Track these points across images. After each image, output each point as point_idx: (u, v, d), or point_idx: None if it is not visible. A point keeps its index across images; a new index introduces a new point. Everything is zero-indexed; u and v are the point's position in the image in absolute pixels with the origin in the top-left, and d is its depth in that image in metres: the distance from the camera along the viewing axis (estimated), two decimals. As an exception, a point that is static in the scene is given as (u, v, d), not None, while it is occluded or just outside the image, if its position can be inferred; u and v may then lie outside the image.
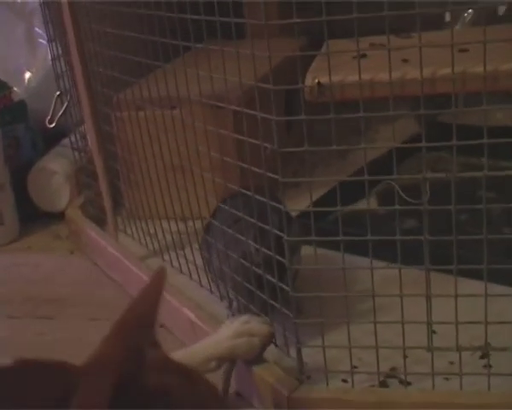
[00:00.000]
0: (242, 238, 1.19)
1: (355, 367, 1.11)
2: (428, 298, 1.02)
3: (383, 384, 1.12)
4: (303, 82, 1.06)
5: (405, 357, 1.09)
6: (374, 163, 1.40)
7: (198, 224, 1.44)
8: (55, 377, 0.74)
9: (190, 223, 1.50)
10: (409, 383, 1.10)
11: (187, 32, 1.19)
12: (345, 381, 1.11)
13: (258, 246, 1.16)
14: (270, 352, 1.18)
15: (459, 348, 1.05)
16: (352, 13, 0.89)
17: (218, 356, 1.16)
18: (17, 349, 1.40)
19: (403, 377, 1.10)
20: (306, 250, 1.22)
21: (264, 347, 1.17)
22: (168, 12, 1.24)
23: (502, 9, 1.64)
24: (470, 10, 1.81)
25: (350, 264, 1.09)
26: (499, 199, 1.32)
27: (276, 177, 1.03)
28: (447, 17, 1.88)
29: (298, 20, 0.90)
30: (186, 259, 1.44)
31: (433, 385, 1.06)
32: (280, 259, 1.09)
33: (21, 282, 1.67)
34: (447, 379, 1.09)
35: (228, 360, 1.16)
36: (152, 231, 1.57)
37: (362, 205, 1.39)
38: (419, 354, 1.09)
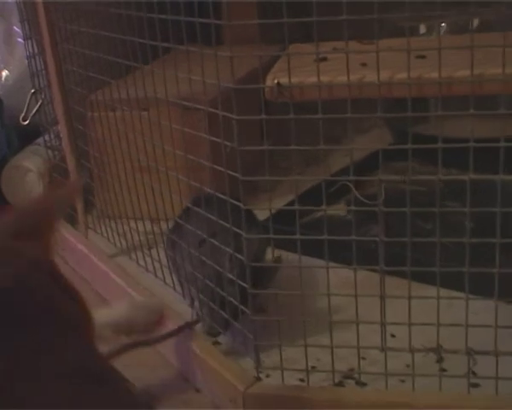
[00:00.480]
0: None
1: (313, 367, 1.12)
2: (383, 298, 1.04)
3: (340, 385, 1.13)
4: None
5: (361, 358, 1.10)
6: (345, 170, 1.43)
7: (165, 225, 1.45)
8: None
9: (158, 224, 1.51)
10: (364, 384, 1.11)
11: (160, 33, 1.21)
12: (302, 380, 1.12)
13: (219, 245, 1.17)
14: (229, 350, 1.21)
15: (412, 350, 1.06)
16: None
17: (114, 324, 1.15)
18: None
19: (358, 378, 1.12)
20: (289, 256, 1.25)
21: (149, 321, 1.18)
22: (139, 12, 1.25)
23: (476, 22, 1.66)
24: (443, 24, 1.83)
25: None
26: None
27: (235, 175, 1.04)
28: (422, 29, 1.90)
29: (258, 21, 0.91)
30: (152, 258, 1.46)
31: (387, 385, 1.07)
32: (239, 257, 1.10)
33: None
34: (403, 381, 1.10)
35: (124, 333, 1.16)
36: (121, 230, 1.58)
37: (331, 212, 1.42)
38: (376, 356, 1.10)
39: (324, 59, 1.07)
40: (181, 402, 1.20)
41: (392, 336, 1.11)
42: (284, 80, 1.03)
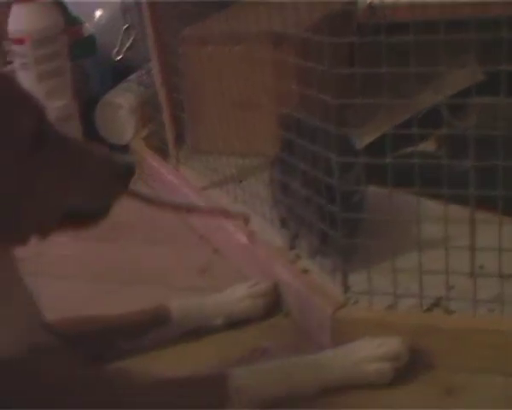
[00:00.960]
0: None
1: (400, 296, 1.11)
2: (472, 223, 1.04)
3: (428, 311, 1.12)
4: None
5: (450, 287, 1.10)
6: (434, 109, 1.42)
7: (256, 160, 1.49)
8: None
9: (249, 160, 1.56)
10: (453, 312, 1.10)
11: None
12: (390, 307, 1.12)
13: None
14: (318, 277, 1.21)
15: (502, 275, 1.06)
16: None
17: (225, 315, 1.23)
18: (79, 268, 1.48)
19: (447, 306, 1.11)
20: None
21: (266, 306, 1.25)
22: None
23: None
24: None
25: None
26: None
27: (326, 98, 1.05)
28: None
29: None
30: (244, 187, 1.47)
31: (475, 312, 1.07)
32: (329, 180, 1.11)
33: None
34: (492, 311, 1.08)
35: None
36: (213, 164, 1.59)
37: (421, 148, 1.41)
38: (465, 285, 1.09)
39: (418, -20, 1.06)
40: (268, 326, 1.23)
41: (481, 267, 1.11)
42: (377, 0, 1.03)
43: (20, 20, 1.84)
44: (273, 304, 1.25)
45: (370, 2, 1.03)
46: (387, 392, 1.05)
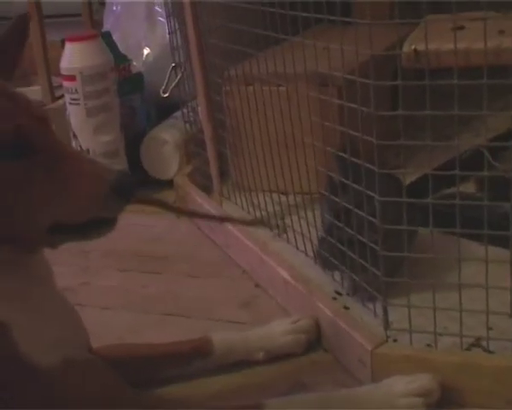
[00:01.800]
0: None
1: (440, 335, 1.12)
2: (513, 265, 1.04)
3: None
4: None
5: (489, 329, 1.10)
6: (475, 151, 1.43)
7: (297, 198, 1.51)
8: None
9: (290, 197, 1.58)
10: (492, 352, 1.10)
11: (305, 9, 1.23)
12: (429, 346, 1.13)
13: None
14: (359, 310, 1.22)
15: (542, 317, 1.07)
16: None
17: (267, 349, 1.24)
18: (123, 299, 1.50)
19: (486, 346, 1.11)
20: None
21: (309, 342, 1.25)
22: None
23: None
24: None
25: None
26: None
27: (370, 139, 1.07)
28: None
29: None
30: (285, 224, 1.49)
31: (515, 352, 1.07)
32: (372, 220, 1.12)
33: (131, 240, 1.74)
34: None
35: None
36: (255, 200, 1.61)
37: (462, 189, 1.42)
38: (504, 326, 1.11)
39: (461, 27, 1.08)
40: (309, 361, 1.24)
41: (521, 308, 1.11)
42: (421, 47, 1.05)
43: (71, 58, 1.88)
44: (314, 340, 1.26)
45: (415, 49, 1.05)
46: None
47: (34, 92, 2.47)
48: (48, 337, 0.97)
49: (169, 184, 1.94)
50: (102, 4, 2.64)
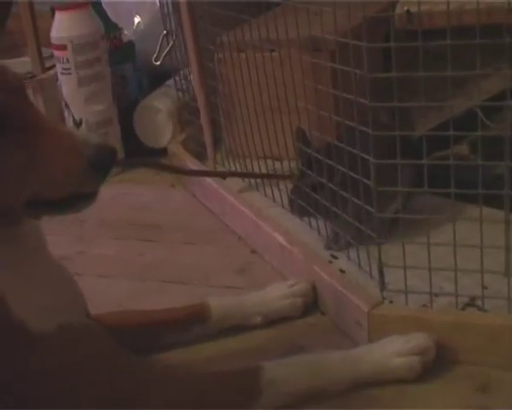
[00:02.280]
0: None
1: (435, 295, 1.13)
2: (507, 223, 1.05)
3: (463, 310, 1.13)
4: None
5: (484, 288, 1.11)
6: (469, 112, 1.43)
7: (291, 163, 1.50)
8: None
9: (285, 163, 1.57)
10: (486, 311, 1.11)
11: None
12: (425, 306, 1.14)
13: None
14: (354, 273, 1.23)
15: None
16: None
17: (264, 314, 1.25)
18: (120, 267, 1.50)
19: (482, 305, 1.12)
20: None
21: (306, 305, 1.26)
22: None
23: None
24: None
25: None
26: None
27: (364, 102, 1.07)
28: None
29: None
30: (280, 190, 1.49)
31: (510, 310, 1.08)
32: (366, 182, 1.13)
33: (126, 209, 1.75)
34: None
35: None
36: (249, 167, 1.61)
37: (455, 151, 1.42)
38: (498, 286, 1.11)
39: (453, -12, 1.08)
40: (306, 324, 1.25)
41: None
42: (414, 8, 1.05)
43: (61, 28, 1.88)
44: (311, 303, 1.27)
45: (408, 10, 1.05)
46: (420, 387, 1.07)
47: (24, 63, 2.46)
48: (42, 304, 0.97)
49: (163, 152, 1.94)
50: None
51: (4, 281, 0.94)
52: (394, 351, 1.08)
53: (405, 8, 1.08)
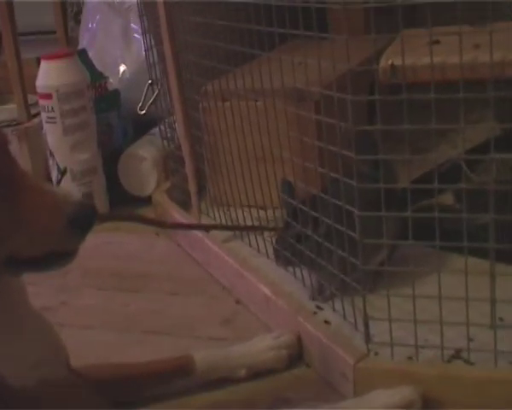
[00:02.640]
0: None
1: (421, 347, 1.12)
2: (492, 277, 1.05)
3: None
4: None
5: (470, 340, 1.10)
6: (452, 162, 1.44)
7: (275, 212, 1.51)
8: None
9: (269, 211, 1.55)
10: (472, 364, 1.11)
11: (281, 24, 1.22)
12: (410, 358, 1.13)
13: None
14: (340, 325, 1.22)
15: (521, 327, 1.07)
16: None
17: (249, 366, 1.24)
18: (104, 318, 1.49)
19: (468, 357, 1.11)
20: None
21: (291, 357, 1.25)
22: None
23: None
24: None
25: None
26: None
27: (350, 154, 1.07)
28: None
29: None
30: (264, 240, 1.48)
31: (496, 363, 1.07)
32: (351, 234, 1.12)
33: (110, 258, 1.74)
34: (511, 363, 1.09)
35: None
36: (234, 216, 1.61)
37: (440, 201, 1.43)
38: (484, 338, 1.10)
39: (437, 42, 1.08)
40: (291, 377, 1.24)
41: (501, 319, 1.11)
42: (398, 61, 1.05)
43: (47, 76, 1.88)
44: (296, 355, 1.26)
45: (392, 63, 1.06)
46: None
47: (10, 111, 2.47)
48: (22, 359, 0.96)
49: (147, 200, 1.95)
50: (78, 22, 2.64)
51: None
52: (381, 405, 1.07)
53: (390, 61, 1.08)
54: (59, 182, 1.92)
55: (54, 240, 0.89)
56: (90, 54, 2.13)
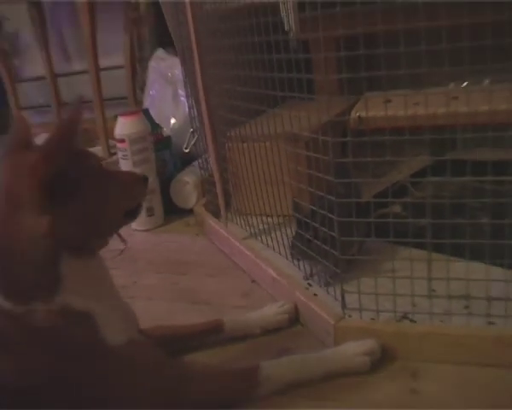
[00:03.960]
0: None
1: (380, 312, 1.12)
2: (429, 261, 1.04)
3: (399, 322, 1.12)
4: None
5: (413, 305, 1.11)
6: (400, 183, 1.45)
7: (280, 219, 1.51)
8: None
9: (274, 218, 1.56)
10: (415, 322, 1.10)
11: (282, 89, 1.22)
12: (373, 319, 1.13)
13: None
14: (324, 297, 1.21)
15: (450, 296, 1.06)
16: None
17: (262, 326, 1.23)
18: (160, 293, 1.48)
19: (412, 318, 1.11)
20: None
21: (291, 320, 1.24)
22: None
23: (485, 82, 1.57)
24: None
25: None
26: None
27: (330, 179, 1.07)
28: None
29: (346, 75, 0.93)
30: (271, 238, 1.47)
31: (432, 321, 1.07)
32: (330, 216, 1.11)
33: (165, 251, 1.73)
34: (442, 321, 1.08)
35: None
36: (250, 222, 1.60)
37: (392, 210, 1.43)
38: (424, 304, 1.10)
39: (389, 101, 1.08)
40: (291, 333, 1.23)
41: (433, 291, 1.10)
42: (363, 114, 1.05)
43: (122, 127, 1.88)
44: (294, 318, 1.25)
45: (359, 115, 1.06)
46: (370, 377, 1.05)
47: (97, 151, 2.48)
48: (117, 323, 0.94)
49: (190, 211, 1.94)
50: (142, 90, 2.65)
51: (93, 304, 0.91)
52: (352, 352, 1.07)
53: (357, 113, 1.08)
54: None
55: (139, 192, 1.02)
56: (151, 112, 2.12)
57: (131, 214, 1.01)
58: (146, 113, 2.02)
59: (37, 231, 0.83)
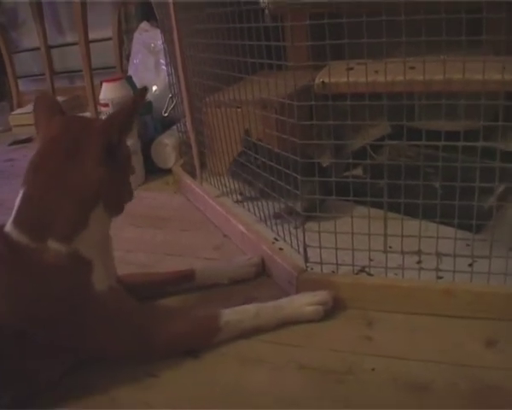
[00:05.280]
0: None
1: (340, 265, 1.09)
2: (385, 220, 1.01)
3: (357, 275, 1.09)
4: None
5: (370, 260, 1.08)
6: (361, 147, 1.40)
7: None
8: None
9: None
10: (372, 275, 1.07)
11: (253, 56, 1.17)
12: (333, 272, 1.09)
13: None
14: (289, 250, 1.17)
15: (403, 252, 1.03)
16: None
17: (230, 276, 1.18)
18: (139, 245, 1.43)
19: (369, 271, 1.08)
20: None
21: (258, 271, 1.19)
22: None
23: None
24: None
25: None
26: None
27: (295, 140, 1.02)
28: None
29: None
30: (242, 194, 1.43)
31: (386, 274, 1.04)
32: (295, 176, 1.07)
33: (144, 207, 1.67)
34: (396, 274, 1.05)
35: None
36: (223, 181, 1.55)
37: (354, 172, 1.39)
38: (380, 258, 1.07)
39: (351, 68, 1.03)
40: (257, 283, 1.19)
41: (390, 247, 1.06)
42: (326, 80, 1.00)
43: (106, 92, 1.79)
44: (261, 269, 1.21)
45: (323, 81, 1.00)
46: (323, 324, 1.02)
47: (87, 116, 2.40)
48: (105, 272, 0.93)
49: (169, 171, 1.88)
50: (128, 59, 2.56)
51: (94, 253, 0.91)
52: (306, 302, 1.03)
53: (321, 79, 1.02)
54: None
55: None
56: (135, 79, 2.04)
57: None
58: (129, 80, 1.94)
59: (94, 175, 0.89)
